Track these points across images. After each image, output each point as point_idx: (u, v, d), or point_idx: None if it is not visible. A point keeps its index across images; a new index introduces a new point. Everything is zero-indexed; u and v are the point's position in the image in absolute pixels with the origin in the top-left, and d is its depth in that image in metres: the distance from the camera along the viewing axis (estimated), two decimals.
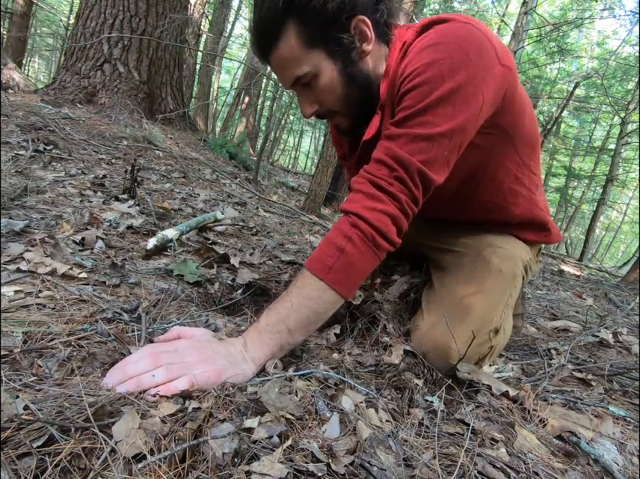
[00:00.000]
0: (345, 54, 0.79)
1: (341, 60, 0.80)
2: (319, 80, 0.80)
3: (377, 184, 0.73)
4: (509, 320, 0.99)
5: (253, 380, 0.68)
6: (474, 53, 0.71)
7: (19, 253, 0.98)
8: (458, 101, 0.71)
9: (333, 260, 0.71)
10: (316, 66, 0.79)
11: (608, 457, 0.68)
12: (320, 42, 0.77)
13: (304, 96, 0.85)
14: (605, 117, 12.48)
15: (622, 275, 4.61)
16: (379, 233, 0.73)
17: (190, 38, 5.83)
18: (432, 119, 0.72)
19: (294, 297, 0.72)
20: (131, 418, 0.52)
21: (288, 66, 0.80)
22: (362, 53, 0.81)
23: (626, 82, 10.38)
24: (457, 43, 0.72)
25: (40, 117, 2.80)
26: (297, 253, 1.78)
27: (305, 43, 0.76)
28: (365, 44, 0.80)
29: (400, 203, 0.73)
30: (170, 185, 2.39)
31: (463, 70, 0.70)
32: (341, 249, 0.72)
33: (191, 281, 1.09)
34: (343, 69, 0.80)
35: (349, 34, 0.78)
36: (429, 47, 0.73)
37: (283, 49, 0.77)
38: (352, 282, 0.75)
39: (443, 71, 0.70)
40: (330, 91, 0.82)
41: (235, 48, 16.26)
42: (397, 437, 0.61)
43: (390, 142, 0.75)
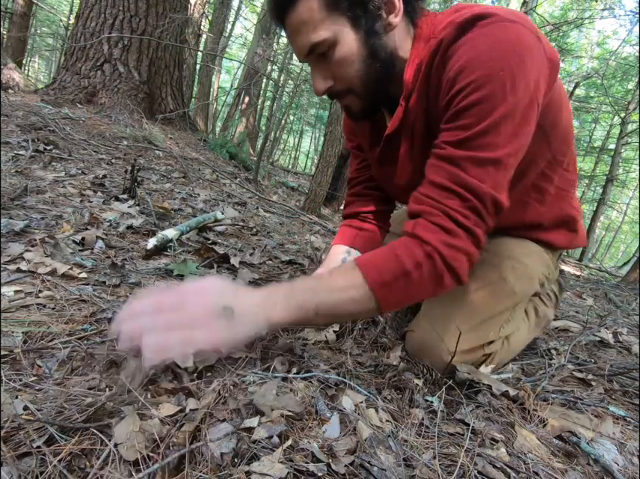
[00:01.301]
0: (370, 23, 0.71)
1: (364, 29, 0.71)
2: (337, 50, 0.72)
3: (453, 218, 0.66)
4: (520, 332, 0.97)
5: (254, 381, 0.68)
6: (529, 59, 0.65)
7: (19, 253, 0.98)
8: (519, 117, 0.66)
9: (393, 279, 0.66)
10: (336, 33, 0.70)
11: (608, 457, 0.68)
12: (343, 5, 0.69)
13: (318, 69, 0.76)
14: (605, 117, 12.48)
15: (622, 275, 4.61)
16: (452, 272, 0.67)
17: (190, 38, 5.83)
18: (496, 140, 0.65)
19: (338, 292, 0.67)
20: (132, 420, 0.52)
21: (305, 31, 0.71)
22: (388, 26, 0.73)
23: (626, 82, 10.38)
24: (512, 50, 0.64)
25: (39, 117, 2.80)
26: (297, 253, 1.78)
27: (326, 5, 0.68)
28: (393, 16, 0.72)
29: (476, 239, 0.68)
30: (170, 185, 2.39)
31: (522, 81, 0.65)
32: (406, 273, 0.66)
33: None
34: (366, 40, 0.72)
35: (375, 2, 0.70)
36: (483, 54, 0.65)
37: (302, 9, 0.69)
38: (398, 304, 0.72)
39: (505, 85, 0.64)
40: (348, 64, 0.74)
41: (235, 48, 16.27)
42: (397, 437, 0.61)
43: (454, 167, 0.67)
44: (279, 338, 0.82)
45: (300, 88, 6.65)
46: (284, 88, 7.52)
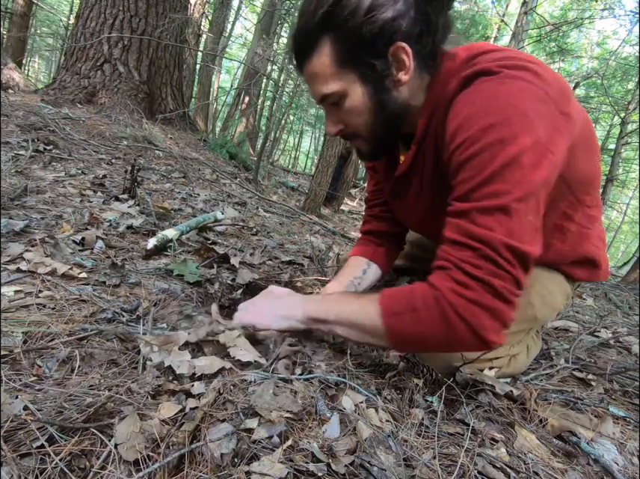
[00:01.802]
0: (378, 80, 0.75)
1: (372, 85, 0.75)
2: (347, 101, 0.77)
3: (463, 269, 0.65)
4: (524, 353, 0.97)
5: (254, 380, 0.68)
6: (532, 111, 0.64)
7: (19, 253, 0.98)
8: (526, 163, 0.63)
9: (402, 310, 0.70)
10: (345, 87, 0.75)
11: (608, 457, 0.68)
12: (352, 63, 0.73)
13: (330, 114, 0.82)
14: (605, 117, 12.47)
15: (622, 275, 4.60)
16: (465, 322, 0.64)
17: (190, 38, 5.83)
18: (501, 187, 0.63)
19: (356, 306, 0.77)
20: (133, 421, 0.52)
21: (318, 82, 0.76)
22: (397, 82, 0.75)
23: (626, 82, 10.38)
24: (511, 102, 0.64)
25: (40, 117, 2.80)
26: (297, 253, 1.78)
27: (337, 61, 0.73)
28: (402, 73, 0.74)
29: (494, 290, 0.63)
30: (170, 185, 2.39)
31: (526, 130, 0.63)
32: (414, 308, 0.69)
33: (191, 281, 1.10)
34: (373, 94, 0.76)
35: (385, 61, 0.73)
36: (480, 110, 0.66)
37: (316, 63, 0.74)
38: (407, 338, 0.72)
39: (503, 135, 0.63)
40: (356, 114, 0.78)
41: (235, 48, 16.28)
42: (397, 437, 0.61)
43: (462, 220, 0.67)
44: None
45: (300, 88, 6.65)
46: (284, 88, 7.52)
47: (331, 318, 0.78)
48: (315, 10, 0.70)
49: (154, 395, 0.60)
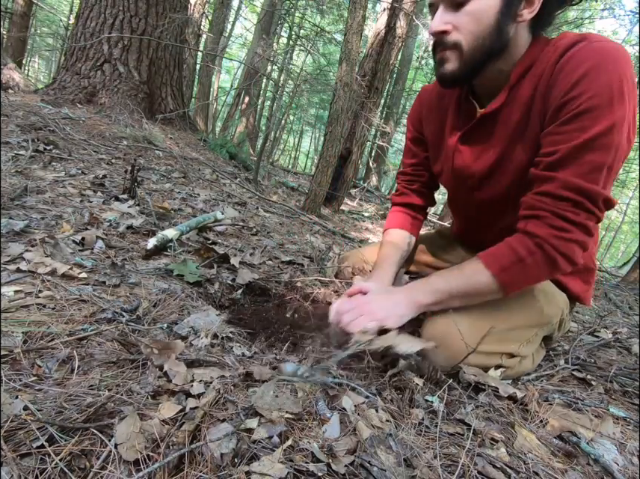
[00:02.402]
0: (511, 2, 0.78)
1: (505, 3, 0.78)
2: (474, 2, 0.78)
3: (564, 217, 0.76)
4: (530, 359, 0.98)
5: (255, 382, 0.68)
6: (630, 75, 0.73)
7: (19, 253, 0.98)
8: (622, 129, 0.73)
9: (509, 264, 0.80)
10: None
11: (608, 457, 0.68)
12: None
13: (444, 12, 0.81)
14: None
15: (622, 275, 4.60)
16: (564, 256, 0.77)
17: (190, 38, 5.83)
18: (611, 141, 0.72)
19: (464, 275, 0.84)
20: (133, 421, 0.52)
21: None
22: (519, 16, 0.79)
23: None
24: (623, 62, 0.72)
25: (40, 117, 2.80)
26: (297, 253, 1.78)
27: None
28: (527, 11, 0.79)
29: (587, 229, 0.77)
30: (170, 185, 2.39)
31: (632, 94, 0.72)
32: (521, 259, 0.79)
33: (190, 281, 1.09)
34: (501, 11, 0.78)
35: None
36: (593, 69, 0.72)
37: None
38: (520, 284, 0.83)
39: (616, 95, 0.71)
40: (475, 19, 0.79)
41: (235, 48, 16.27)
42: (397, 437, 0.61)
43: (566, 173, 0.75)
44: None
45: (300, 88, 6.65)
46: (284, 88, 7.52)
47: (445, 297, 0.85)
48: None
49: (154, 395, 0.60)
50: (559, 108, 0.76)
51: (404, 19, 4.78)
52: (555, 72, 0.77)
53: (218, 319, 0.89)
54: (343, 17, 9.19)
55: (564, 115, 0.75)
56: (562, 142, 0.75)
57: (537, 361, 1.04)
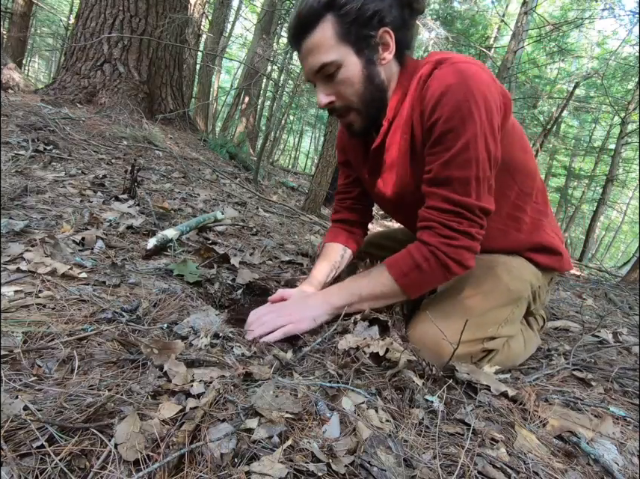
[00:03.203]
0: (370, 54, 0.89)
1: (365, 59, 0.89)
2: (342, 71, 0.88)
3: (450, 227, 0.86)
4: (517, 338, 1.02)
5: (254, 382, 0.68)
6: (487, 91, 0.82)
7: (19, 253, 0.98)
8: (487, 134, 0.82)
9: (408, 270, 0.90)
10: (343, 57, 0.88)
11: (608, 457, 0.68)
12: (350, 38, 0.87)
13: (323, 86, 0.92)
14: (605, 117, 12.47)
15: (622, 275, 4.60)
16: (455, 262, 0.87)
17: (190, 38, 5.83)
18: (471, 155, 0.82)
19: (372, 280, 0.94)
20: (133, 421, 0.52)
21: (318, 52, 0.88)
22: (382, 59, 0.90)
23: (626, 82, 10.38)
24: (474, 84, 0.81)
25: (39, 117, 2.80)
26: (296, 253, 1.78)
27: (338, 35, 0.86)
28: (387, 53, 0.90)
29: (471, 236, 0.87)
30: (170, 185, 2.39)
31: (483, 109, 0.81)
32: (418, 265, 0.89)
33: (190, 281, 1.09)
34: (365, 66, 0.89)
35: (375, 40, 0.88)
36: (452, 88, 0.81)
37: (318, 36, 0.87)
38: (418, 288, 0.93)
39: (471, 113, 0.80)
40: (349, 84, 0.90)
41: (235, 48, 16.27)
42: (397, 437, 0.61)
43: (443, 189, 0.86)
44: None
45: (300, 88, 6.65)
46: (284, 88, 7.51)
47: (355, 300, 0.94)
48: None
49: (154, 395, 0.60)
50: (429, 129, 0.86)
51: None
52: (421, 98, 0.87)
53: (218, 319, 0.89)
54: None
55: (432, 137, 0.85)
56: (434, 161, 0.86)
57: (530, 347, 1.07)
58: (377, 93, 0.93)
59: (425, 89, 0.86)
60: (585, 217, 15.73)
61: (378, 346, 0.82)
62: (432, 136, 0.85)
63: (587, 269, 5.36)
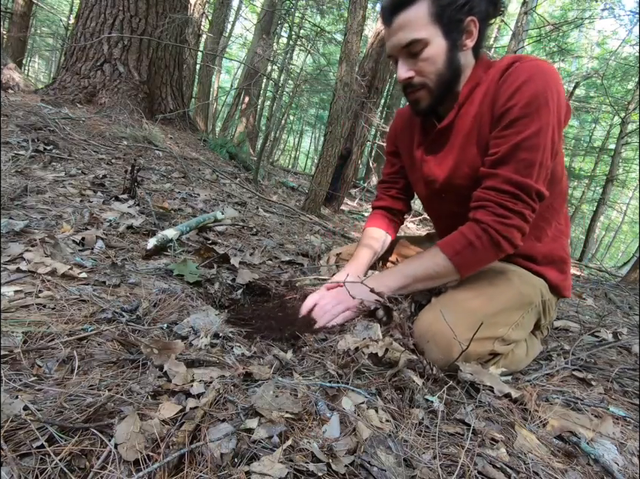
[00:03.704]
0: (455, 38, 0.93)
1: (451, 41, 0.93)
2: (427, 50, 0.93)
3: (505, 206, 0.90)
4: (521, 344, 1.01)
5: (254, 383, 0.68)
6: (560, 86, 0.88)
7: (19, 253, 0.98)
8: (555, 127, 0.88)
9: (461, 248, 0.93)
10: (432, 37, 0.92)
11: (608, 457, 0.68)
12: (442, 20, 0.91)
13: (405, 62, 0.97)
14: (605, 117, 12.47)
15: (622, 275, 4.60)
16: (506, 239, 0.91)
17: (190, 38, 5.83)
18: (539, 142, 0.87)
19: (425, 261, 0.97)
20: (133, 421, 0.52)
21: (410, 29, 0.92)
22: (463, 46, 0.95)
23: (626, 82, 10.37)
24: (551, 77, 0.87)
25: (39, 117, 2.80)
26: (297, 253, 1.78)
27: (432, 15, 0.90)
28: (469, 40, 0.95)
29: (524, 217, 0.90)
30: (170, 185, 2.39)
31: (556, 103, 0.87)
32: (470, 243, 0.92)
33: (190, 281, 1.09)
34: (449, 49, 0.94)
35: (462, 26, 0.93)
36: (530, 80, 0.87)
37: (413, 13, 0.91)
38: (472, 265, 0.96)
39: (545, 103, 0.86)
40: (431, 62, 0.94)
41: (235, 48, 16.26)
42: (397, 437, 0.61)
43: (506, 170, 0.89)
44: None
45: (300, 88, 6.65)
46: (284, 88, 7.51)
47: (410, 282, 0.97)
48: None
49: (154, 395, 0.60)
50: (501, 115, 0.90)
51: None
52: (497, 88, 0.92)
53: (218, 319, 0.89)
54: (343, 17, 9.19)
55: (504, 121, 0.90)
56: (502, 144, 0.90)
57: (532, 353, 1.06)
58: (453, 76, 0.97)
59: (502, 80, 0.91)
60: (585, 217, 15.73)
61: (377, 347, 0.82)
62: (503, 121, 0.89)
63: (587, 269, 5.36)
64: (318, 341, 0.89)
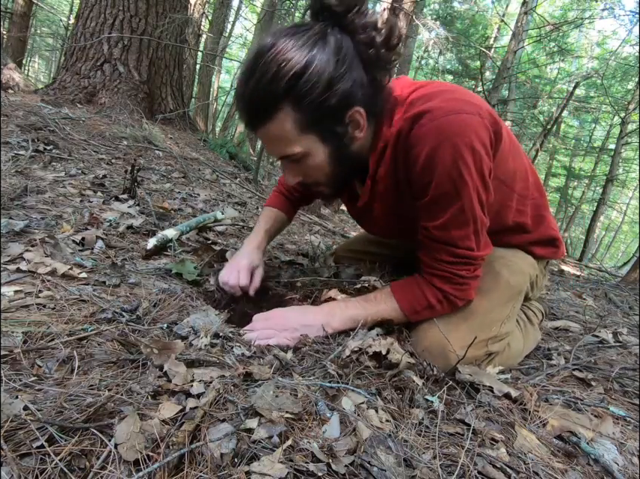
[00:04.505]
0: (338, 139, 0.81)
1: (332, 144, 0.82)
2: (309, 160, 0.82)
3: (459, 274, 0.88)
4: (516, 336, 1.03)
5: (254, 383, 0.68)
6: (476, 143, 0.76)
7: (19, 253, 0.98)
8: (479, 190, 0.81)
9: (421, 308, 0.92)
10: (308, 147, 0.80)
11: (608, 457, 0.68)
12: (313, 128, 0.78)
13: (290, 169, 0.89)
14: (605, 117, 12.47)
15: (622, 275, 4.60)
16: (463, 300, 0.92)
17: (190, 38, 5.83)
18: (468, 215, 0.82)
19: (379, 311, 0.93)
20: (132, 420, 0.52)
21: (279, 144, 0.81)
22: (354, 139, 0.83)
23: (626, 82, 10.37)
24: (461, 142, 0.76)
25: (39, 117, 2.80)
26: (297, 253, 1.78)
27: (299, 127, 0.76)
28: (358, 131, 0.82)
29: (476, 275, 0.91)
30: (170, 185, 2.39)
31: (473, 165, 0.77)
32: (431, 306, 0.91)
33: (190, 280, 1.10)
34: (334, 152, 0.83)
35: (343, 123, 0.80)
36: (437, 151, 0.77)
37: (275, 127, 0.77)
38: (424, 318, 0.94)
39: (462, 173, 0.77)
40: (317, 170, 0.86)
41: (235, 48, 16.26)
42: (397, 437, 0.61)
43: (450, 247, 0.86)
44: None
45: None
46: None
47: (356, 325, 0.92)
48: (273, 80, 0.71)
49: (154, 395, 0.60)
50: (421, 189, 0.83)
51: (404, 19, 4.77)
52: (406, 152, 0.82)
53: (218, 319, 0.89)
54: None
55: (425, 196, 0.83)
56: (430, 219, 0.85)
57: (529, 342, 1.08)
58: (350, 170, 0.91)
59: (407, 147, 0.81)
60: (585, 217, 15.73)
61: (380, 346, 0.82)
62: (424, 195, 0.83)
63: (587, 269, 5.36)
64: (319, 343, 0.89)
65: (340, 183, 0.94)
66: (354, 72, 0.75)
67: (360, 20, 0.74)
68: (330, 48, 0.72)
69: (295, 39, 0.72)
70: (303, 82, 0.71)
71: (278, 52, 0.71)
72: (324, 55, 0.71)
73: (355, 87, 0.75)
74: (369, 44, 0.75)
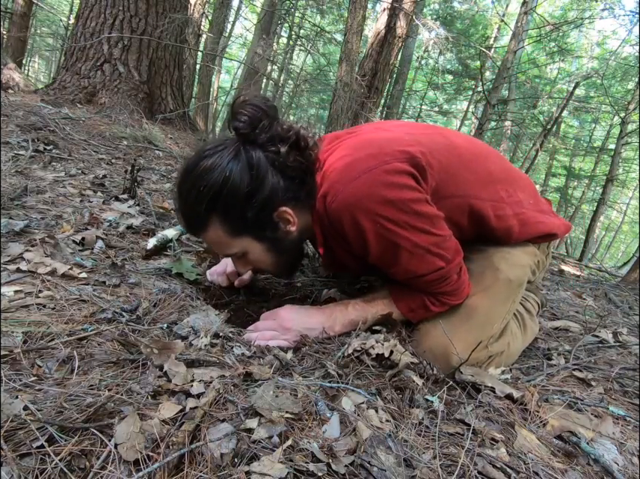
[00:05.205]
0: (271, 236, 0.89)
1: (267, 241, 0.89)
2: (250, 255, 0.91)
3: (446, 292, 0.92)
4: (516, 336, 1.02)
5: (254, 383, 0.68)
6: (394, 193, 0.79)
7: (19, 253, 0.98)
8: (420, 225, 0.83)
9: (416, 307, 0.95)
10: (244, 247, 0.89)
11: (608, 457, 0.68)
12: (244, 231, 0.86)
13: (237, 262, 0.96)
14: (605, 117, 12.46)
15: (622, 275, 4.60)
16: (458, 299, 0.94)
17: (190, 38, 5.82)
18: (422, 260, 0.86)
19: (378, 312, 0.94)
20: (133, 421, 0.52)
21: (219, 247, 0.91)
22: (288, 232, 0.90)
23: (626, 82, 10.37)
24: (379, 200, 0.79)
25: (40, 117, 2.80)
26: None
27: (230, 233, 0.85)
28: (290, 226, 0.89)
29: (462, 279, 0.92)
30: (170, 185, 2.39)
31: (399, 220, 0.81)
32: (425, 306, 0.94)
33: (190, 279, 1.10)
34: (271, 247, 0.91)
35: (272, 223, 0.87)
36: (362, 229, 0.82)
37: (210, 235, 0.87)
38: (420, 318, 0.97)
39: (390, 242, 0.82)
40: (260, 262, 0.94)
41: (235, 48, 16.26)
42: (397, 437, 0.61)
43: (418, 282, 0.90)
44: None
45: (300, 88, 6.65)
46: (284, 88, 7.53)
47: (355, 326, 0.93)
48: (197, 202, 0.81)
49: (154, 395, 0.60)
50: (362, 250, 0.87)
51: (404, 19, 4.77)
52: (335, 227, 0.87)
53: (218, 319, 0.89)
54: (343, 17, 9.19)
55: (371, 254, 0.87)
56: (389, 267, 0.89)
57: (528, 335, 1.08)
58: (292, 255, 0.98)
59: (331, 221, 0.86)
60: (585, 217, 15.72)
61: (383, 348, 0.82)
62: (368, 253, 0.87)
63: (587, 269, 5.35)
64: (319, 343, 0.89)
65: (288, 267, 1.02)
66: (270, 180, 0.82)
67: (267, 135, 0.82)
68: (243, 164, 0.80)
69: (213, 160, 0.81)
70: (222, 201, 0.81)
71: (198, 175, 0.81)
72: (238, 173, 0.80)
73: (274, 193, 0.83)
74: (278, 154, 0.82)
